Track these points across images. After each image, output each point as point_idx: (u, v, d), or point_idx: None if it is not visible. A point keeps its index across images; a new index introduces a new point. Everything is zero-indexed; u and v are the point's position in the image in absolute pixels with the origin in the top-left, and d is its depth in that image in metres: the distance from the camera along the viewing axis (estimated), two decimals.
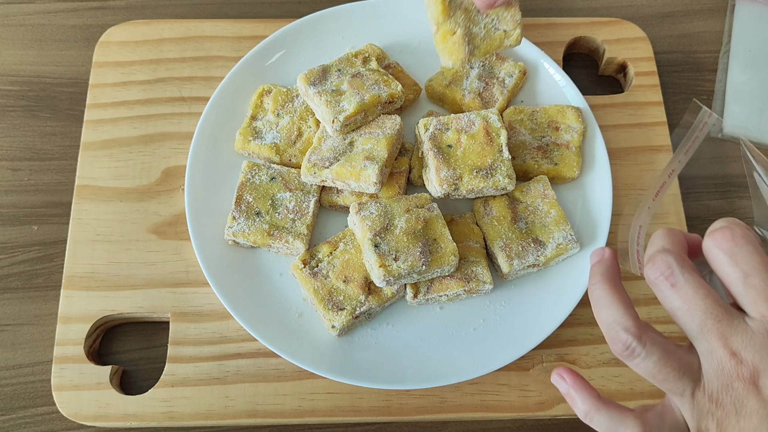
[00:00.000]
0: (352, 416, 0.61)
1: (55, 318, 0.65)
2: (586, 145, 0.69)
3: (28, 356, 0.65)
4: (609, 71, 0.78)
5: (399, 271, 0.58)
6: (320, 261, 0.62)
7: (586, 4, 0.83)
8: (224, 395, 0.61)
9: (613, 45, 0.76)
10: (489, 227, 0.64)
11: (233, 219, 0.63)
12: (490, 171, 0.62)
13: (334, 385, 0.62)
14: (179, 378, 0.62)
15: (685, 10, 0.83)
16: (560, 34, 0.77)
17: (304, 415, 0.61)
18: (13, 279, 0.68)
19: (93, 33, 0.80)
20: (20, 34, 0.80)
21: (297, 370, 0.62)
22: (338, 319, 0.60)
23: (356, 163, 0.61)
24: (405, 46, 0.74)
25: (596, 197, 0.67)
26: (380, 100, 0.64)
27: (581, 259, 0.64)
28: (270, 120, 0.68)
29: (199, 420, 0.61)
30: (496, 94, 0.70)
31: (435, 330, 0.63)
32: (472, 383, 0.62)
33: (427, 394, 0.62)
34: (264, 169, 0.66)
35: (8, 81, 0.77)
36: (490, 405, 0.61)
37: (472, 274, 0.61)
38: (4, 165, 0.73)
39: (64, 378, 0.62)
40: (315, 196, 0.65)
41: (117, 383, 0.63)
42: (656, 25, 0.82)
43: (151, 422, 0.61)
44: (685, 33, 0.82)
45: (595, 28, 0.77)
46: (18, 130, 0.75)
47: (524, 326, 0.62)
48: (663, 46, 0.80)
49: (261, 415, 0.61)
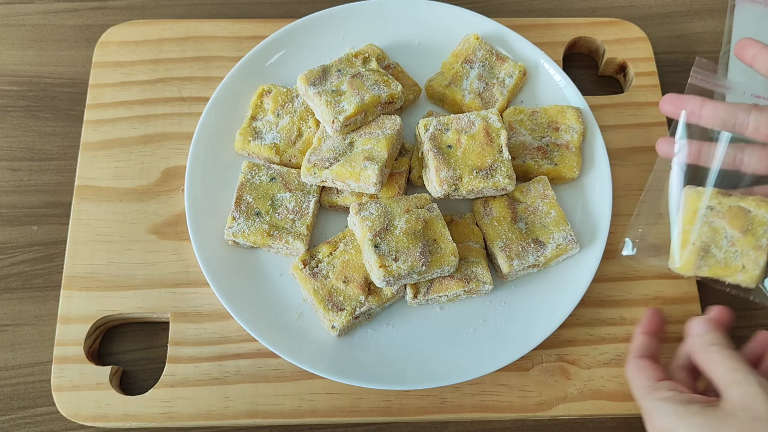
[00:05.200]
0: (352, 416, 0.61)
1: (55, 318, 0.65)
2: (586, 146, 0.69)
3: (28, 356, 0.65)
4: (609, 71, 0.78)
5: (399, 272, 0.58)
6: (320, 261, 0.62)
7: (586, 4, 0.83)
8: (224, 395, 0.61)
9: (613, 45, 0.76)
10: (489, 228, 0.63)
11: (233, 219, 0.63)
12: (490, 171, 0.62)
13: (334, 385, 0.62)
14: (179, 378, 0.62)
15: (685, 10, 0.83)
16: (560, 34, 0.77)
17: (303, 415, 0.61)
18: (13, 279, 0.68)
19: (93, 33, 0.80)
20: (20, 34, 0.80)
21: (297, 371, 0.62)
22: (338, 320, 0.60)
23: (356, 164, 0.61)
24: (405, 47, 0.74)
25: (596, 197, 0.67)
26: (380, 101, 0.64)
27: (581, 259, 0.64)
28: (270, 120, 0.68)
29: (198, 420, 0.61)
30: (496, 94, 0.70)
31: (435, 330, 0.63)
32: (472, 383, 0.62)
33: (427, 395, 0.62)
34: (264, 169, 0.66)
35: (8, 81, 0.77)
36: (490, 405, 0.61)
37: (472, 275, 0.61)
38: (4, 165, 0.73)
39: (63, 378, 0.62)
40: (315, 196, 0.65)
41: (117, 383, 0.63)
42: (656, 25, 0.82)
43: (151, 422, 0.61)
44: (685, 33, 0.82)
45: (595, 28, 0.77)
46: (18, 130, 0.75)
47: (524, 327, 0.62)
48: (663, 46, 0.80)
49: (261, 415, 0.61)
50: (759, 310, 0.67)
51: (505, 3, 0.83)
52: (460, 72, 0.71)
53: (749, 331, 0.67)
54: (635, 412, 0.61)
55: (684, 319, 0.64)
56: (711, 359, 0.52)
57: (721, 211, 0.59)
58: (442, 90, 0.70)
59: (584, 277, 0.63)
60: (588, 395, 0.62)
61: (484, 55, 0.71)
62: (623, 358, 0.63)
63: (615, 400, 0.61)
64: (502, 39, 0.74)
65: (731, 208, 0.59)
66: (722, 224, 0.59)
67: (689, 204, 0.60)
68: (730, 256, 0.59)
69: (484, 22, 0.74)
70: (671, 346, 0.63)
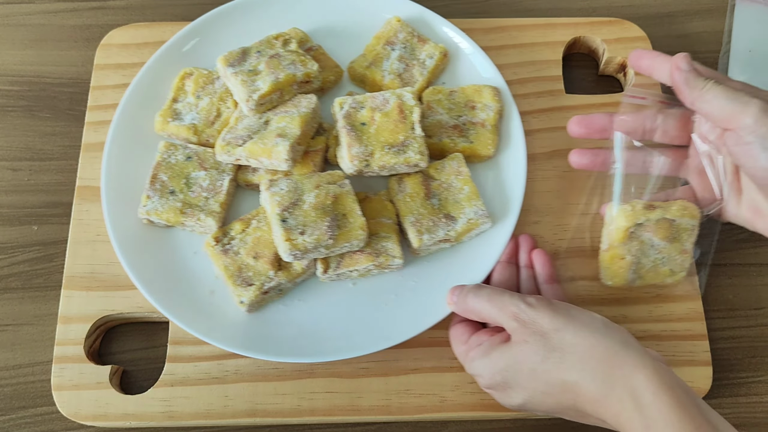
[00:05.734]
0: (351, 415, 0.61)
1: (55, 318, 0.64)
2: (503, 125, 0.70)
3: (28, 356, 0.65)
4: (609, 71, 0.78)
5: (305, 245, 0.58)
6: (233, 238, 0.63)
7: (586, 4, 0.83)
8: (223, 395, 0.61)
9: (613, 45, 0.76)
10: (401, 203, 0.64)
11: (147, 198, 0.63)
12: (402, 148, 0.63)
13: (334, 383, 0.62)
14: (179, 378, 0.62)
15: (685, 10, 0.83)
16: (560, 34, 0.77)
17: (303, 414, 0.61)
18: (13, 279, 0.68)
19: (93, 33, 0.80)
20: (20, 34, 0.80)
21: (296, 369, 0.62)
22: (246, 295, 0.60)
23: (268, 141, 0.62)
24: (330, 31, 0.75)
25: (510, 175, 0.67)
26: (295, 80, 0.65)
27: (493, 234, 0.65)
28: (190, 102, 0.69)
29: (198, 419, 0.61)
30: (416, 74, 0.71)
31: (347, 305, 0.63)
32: (473, 382, 0.62)
33: (427, 394, 0.61)
34: (180, 149, 0.66)
35: (8, 81, 0.77)
36: (490, 404, 0.61)
37: (382, 249, 0.62)
38: (4, 165, 0.73)
39: (63, 378, 0.62)
40: (230, 174, 0.65)
41: (117, 383, 0.63)
42: (656, 25, 0.82)
43: (151, 422, 0.61)
44: (685, 33, 0.82)
45: (595, 28, 0.77)
46: (18, 130, 0.75)
47: (434, 300, 0.62)
48: (663, 46, 0.80)
49: (260, 414, 0.61)
50: (759, 309, 0.67)
51: (505, 3, 0.83)
52: (381, 53, 0.71)
53: (750, 330, 0.67)
54: None
55: (686, 318, 0.64)
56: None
57: (648, 225, 0.61)
58: (362, 71, 0.71)
59: (494, 252, 0.63)
60: None
61: (406, 37, 0.72)
62: None
63: None
64: (426, 22, 0.74)
65: (657, 222, 0.61)
66: (649, 237, 0.61)
67: (620, 222, 0.61)
68: (658, 263, 0.62)
69: (410, 6, 0.74)
70: (671, 344, 0.63)
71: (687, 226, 0.61)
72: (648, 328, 0.64)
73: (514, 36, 0.77)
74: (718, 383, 0.64)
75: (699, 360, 0.63)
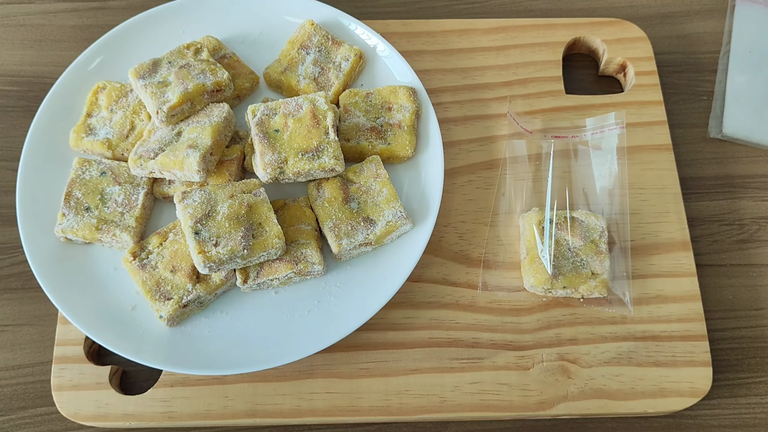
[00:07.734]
0: (351, 416, 0.61)
1: (55, 318, 0.64)
2: (421, 126, 0.69)
3: (28, 356, 0.65)
4: (609, 71, 0.78)
5: (219, 257, 0.58)
6: (150, 253, 0.62)
7: (586, 4, 0.83)
8: (223, 395, 0.61)
9: (613, 45, 0.76)
10: (320, 209, 0.64)
11: (63, 216, 0.63)
12: (316, 153, 0.63)
13: (333, 384, 0.62)
14: (178, 378, 0.62)
15: (685, 10, 0.83)
16: (560, 34, 0.77)
17: (303, 414, 0.61)
18: (13, 279, 0.68)
19: (93, 33, 0.80)
20: (20, 34, 0.80)
21: (296, 370, 0.62)
22: (165, 309, 0.60)
23: (179, 152, 0.61)
24: (245, 38, 0.74)
25: (430, 175, 0.67)
26: (205, 89, 0.64)
27: (414, 235, 0.65)
28: (104, 116, 0.68)
29: (198, 420, 0.61)
30: (332, 78, 0.70)
31: (269, 315, 0.63)
32: (472, 383, 0.62)
33: (426, 394, 0.61)
34: (95, 164, 0.65)
35: (8, 81, 0.77)
36: (490, 405, 0.61)
37: (301, 256, 0.62)
38: (4, 165, 0.73)
39: (63, 378, 0.62)
40: (145, 188, 0.65)
41: (116, 383, 0.63)
42: (656, 25, 0.82)
43: (151, 422, 0.61)
44: (685, 33, 0.82)
45: (594, 28, 0.77)
46: (18, 130, 0.75)
47: (357, 304, 0.62)
48: (663, 46, 0.80)
49: (260, 414, 0.61)
50: (759, 310, 0.67)
51: (505, 3, 0.83)
52: (296, 58, 0.71)
53: (750, 331, 0.67)
54: (636, 411, 0.61)
55: (686, 318, 0.64)
56: None
57: (559, 222, 0.62)
58: (277, 76, 0.70)
59: (415, 252, 0.63)
60: (589, 394, 0.61)
61: (320, 41, 0.71)
62: (624, 357, 0.63)
63: (616, 399, 0.61)
64: (341, 25, 0.73)
65: (566, 220, 0.62)
66: (563, 235, 0.62)
67: (530, 223, 0.62)
68: (577, 264, 0.63)
69: (324, 9, 0.74)
70: (670, 345, 0.63)
71: (596, 227, 0.63)
72: (648, 329, 0.64)
73: (514, 36, 0.77)
74: (718, 384, 0.64)
75: (699, 361, 0.63)
